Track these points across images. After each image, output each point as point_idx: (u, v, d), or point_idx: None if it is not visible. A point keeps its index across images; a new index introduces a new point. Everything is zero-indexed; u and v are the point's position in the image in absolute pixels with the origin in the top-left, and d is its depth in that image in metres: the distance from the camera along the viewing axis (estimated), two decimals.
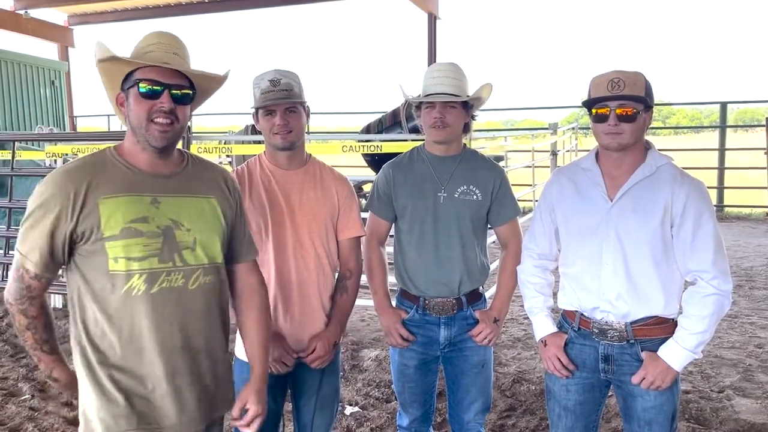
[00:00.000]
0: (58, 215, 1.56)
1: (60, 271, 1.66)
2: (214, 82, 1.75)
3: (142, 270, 1.60)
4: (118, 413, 1.61)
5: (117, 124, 13.74)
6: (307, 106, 2.20)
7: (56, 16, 12.43)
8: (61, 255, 1.60)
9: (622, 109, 1.92)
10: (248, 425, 1.82)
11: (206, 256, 1.70)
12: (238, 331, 2.20)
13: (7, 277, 5.05)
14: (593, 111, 1.98)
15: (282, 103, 2.08)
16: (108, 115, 14.48)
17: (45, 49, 13.35)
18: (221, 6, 10.92)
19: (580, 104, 2.09)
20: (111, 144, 1.74)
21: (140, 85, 1.61)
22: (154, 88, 1.61)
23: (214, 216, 1.74)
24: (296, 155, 2.20)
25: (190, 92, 1.68)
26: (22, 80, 12.06)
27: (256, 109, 2.15)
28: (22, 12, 11.07)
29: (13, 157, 5.68)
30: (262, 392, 1.85)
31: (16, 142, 5.90)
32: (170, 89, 1.62)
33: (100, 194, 1.59)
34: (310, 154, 2.29)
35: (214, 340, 1.76)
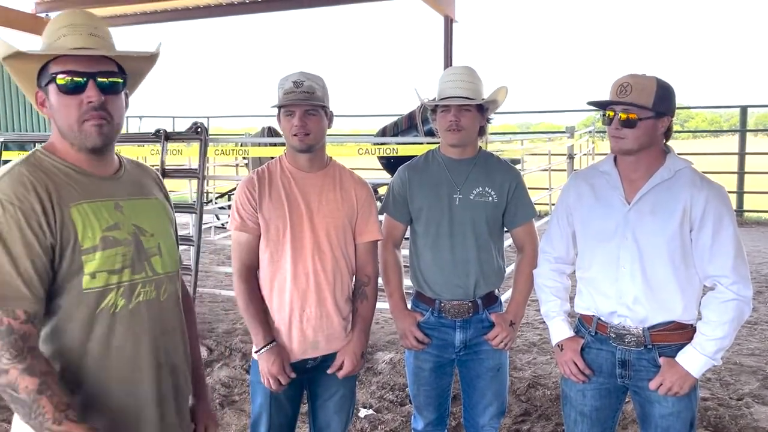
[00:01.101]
0: (33, 231, 1.30)
1: None
2: (146, 62, 1.50)
3: (120, 283, 1.41)
4: None
5: (135, 126, 13.88)
6: (330, 111, 2.20)
7: None
8: (48, 281, 1.33)
9: (625, 114, 1.93)
10: None
11: (171, 264, 1.55)
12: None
13: None
14: (606, 114, 2.00)
15: (302, 105, 2.09)
16: (126, 117, 14.61)
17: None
18: (236, 9, 10.99)
19: (588, 103, 2.10)
20: (130, 147, 1.63)
21: (58, 79, 1.35)
22: (76, 80, 1.35)
23: (167, 218, 1.60)
24: (316, 158, 2.21)
25: (120, 79, 1.42)
26: None
27: (279, 109, 2.16)
28: (42, 15, 11.21)
29: None
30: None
31: (36, 143, 5.98)
32: (95, 78, 1.37)
33: (68, 201, 1.36)
34: (331, 157, 2.30)
35: (186, 355, 1.61)
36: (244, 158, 8.67)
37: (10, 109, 11.66)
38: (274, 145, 6.49)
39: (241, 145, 6.37)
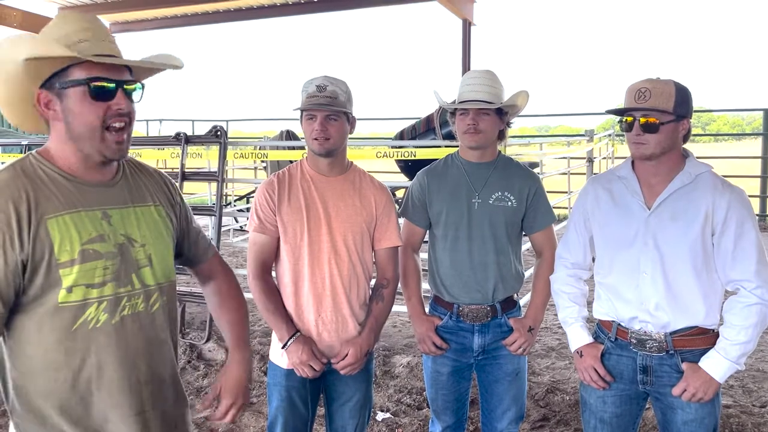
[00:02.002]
0: (3, 245, 1.27)
1: None
2: (153, 73, 1.50)
3: (101, 297, 1.36)
4: None
5: (155, 129, 14.01)
6: (352, 116, 2.20)
7: None
8: (14, 295, 1.30)
9: (645, 119, 1.92)
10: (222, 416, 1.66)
11: (163, 274, 1.50)
12: (273, 334, 2.23)
13: None
14: (624, 120, 1.98)
15: (323, 110, 2.10)
16: (146, 120, 14.77)
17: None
18: (256, 14, 11.07)
19: (610, 111, 2.08)
20: (151, 150, 1.59)
21: (92, 85, 1.34)
22: (108, 86, 1.35)
23: (165, 226, 1.55)
24: (337, 162, 2.22)
25: (140, 86, 1.42)
26: None
27: (301, 112, 2.17)
28: None
29: None
30: (241, 385, 1.69)
31: None
32: (123, 86, 1.37)
33: (46, 212, 1.32)
34: (352, 162, 2.31)
35: (174, 366, 1.56)
36: (262, 161, 8.71)
37: None
38: (293, 148, 6.52)
39: (260, 149, 6.41)
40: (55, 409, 1.36)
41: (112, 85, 1.36)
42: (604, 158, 9.16)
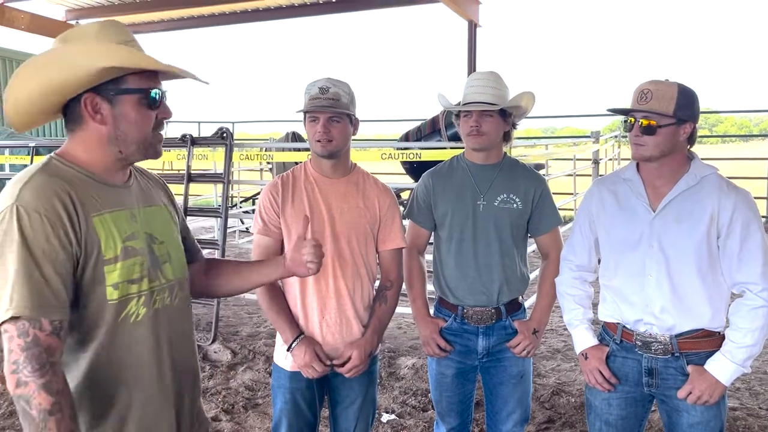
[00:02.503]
0: (59, 240, 1.29)
1: None
2: (171, 80, 1.55)
3: (140, 292, 1.43)
4: None
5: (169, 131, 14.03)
6: (355, 118, 2.20)
7: None
8: (71, 289, 1.32)
9: (646, 121, 1.92)
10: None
11: (180, 269, 1.57)
12: (277, 337, 2.24)
13: None
14: (627, 119, 1.99)
15: (326, 111, 2.10)
16: None
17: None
18: (261, 16, 11.10)
19: (609, 110, 2.10)
20: (164, 151, 1.61)
21: (152, 92, 1.42)
22: (158, 96, 1.44)
23: (174, 224, 1.62)
24: (340, 164, 2.22)
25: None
26: None
27: (304, 114, 2.18)
28: (73, 22, 11.44)
29: None
30: None
31: None
32: (165, 95, 1.47)
33: (91, 211, 1.36)
34: (355, 164, 2.31)
35: (196, 357, 1.65)
36: (268, 163, 8.74)
37: None
38: (298, 150, 6.53)
39: (266, 150, 6.43)
40: (100, 402, 1.39)
41: (160, 95, 1.44)
42: (610, 160, 9.14)
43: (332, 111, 2.09)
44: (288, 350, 2.15)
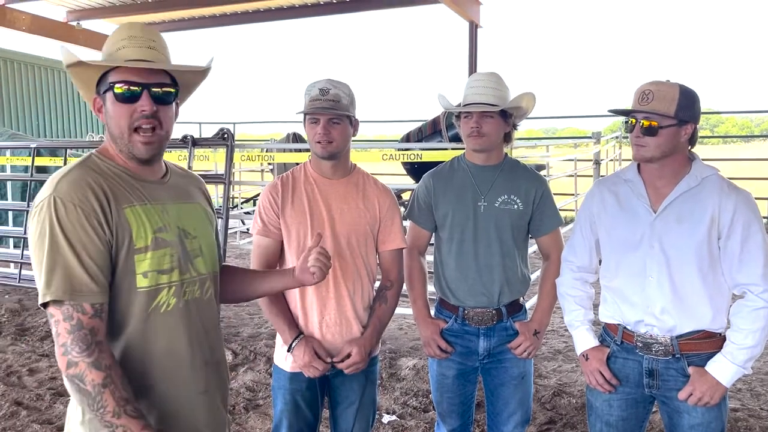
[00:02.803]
0: (94, 229, 1.37)
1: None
2: (198, 75, 1.56)
3: (170, 283, 1.48)
4: None
5: None
6: (355, 119, 2.21)
7: (107, 27, 12.84)
8: (110, 274, 1.40)
9: (647, 122, 1.92)
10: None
11: (212, 264, 1.62)
12: (277, 338, 2.24)
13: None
14: (628, 120, 1.99)
15: (326, 113, 2.10)
16: None
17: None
18: (266, 16, 11.11)
19: (610, 111, 2.10)
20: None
21: (116, 87, 1.43)
22: (132, 89, 1.42)
23: (209, 221, 1.67)
24: (340, 165, 2.22)
25: (173, 90, 1.49)
26: (75, 89, 12.47)
27: (304, 116, 2.18)
28: (74, 23, 11.46)
29: (65, 163, 5.88)
30: None
31: (67, 149, 6.11)
32: (149, 89, 1.44)
33: (122, 202, 1.43)
34: (355, 165, 2.31)
35: (224, 351, 1.70)
36: (269, 164, 8.74)
37: (43, 117, 11.92)
38: (299, 150, 6.53)
39: (267, 151, 6.43)
40: (131, 386, 1.42)
41: (137, 89, 1.43)
42: (611, 160, 9.13)
43: (332, 113, 2.09)
44: (288, 351, 2.15)
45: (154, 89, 1.44)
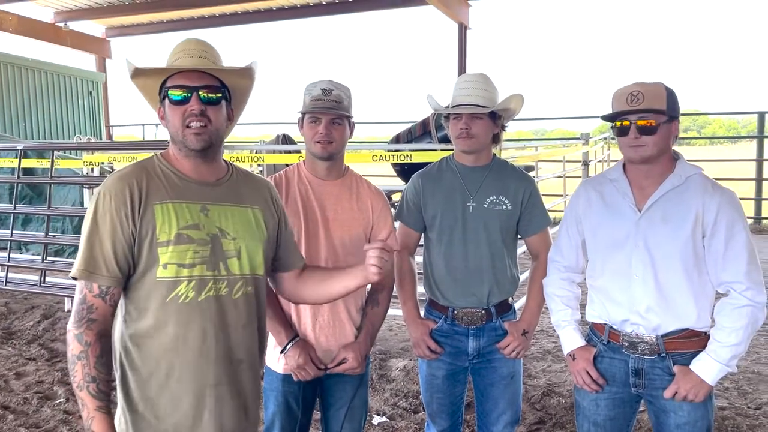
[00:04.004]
0: (119, 220, 1.55)
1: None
2: (244, 77, 1.72)
3: (191, 277, 1.58)
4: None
5: (151, 134, 14.01)
6: (353, 122, 2.22)
7: (94, 28, 12.76)
8: (126, 263, 1.56)
9: (643, 121, 1.92)
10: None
11: (249, 267, 1.69)
12: (269, 339, 2.23)
13: (45, 282, 5.19)
14: (616, 124, 1.98)
15: (329, 113, 2.10)
16: (143, 125, 14.77)
17: (83, 61, 13.71)
18: (254, 17, 11.09)
19: (600, 118, 2.09)
20: (147, 153, 1.75)
21: (170, 92, 1.62)
22: (183, 94, 1.61)
23: (258, 226, 1.74)
24: (335, 166, 2.22)
25: (220, 94, 1.66)
26: (62, 91, 12.41)
27: (303, 115, 2.17)
28: (61, 24, 11.39)
29: (52, 165, 5.83)
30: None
31: (55, 151, 6.06)
32: (198, 91, 1.62)
33: (154, 199, 1.59)
34: (348, 167, 2.31)
35: (253, 353, 1.74)
36: (259, 165, 8.71)
37: (30, 118, 11.83)
38: (289, 152, 6.52)
39: (256, 152, 6.41)
40: (146, 374, 1.59)
41: (188, 93, 1.61)
42: (600, 161, 9.18)
43: (335, 113, 2.10)
44: (282, 352, 2.15)
45: (202, 92, 1.62)
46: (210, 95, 1.63)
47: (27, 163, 6.32)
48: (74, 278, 1.57)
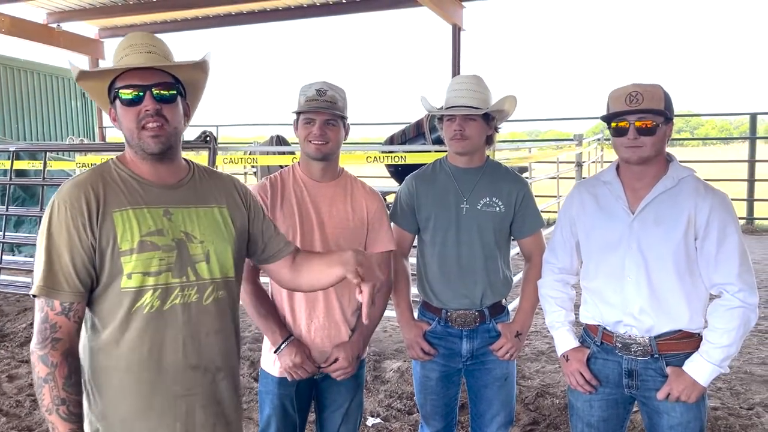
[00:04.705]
0: (77, 230, 1.46)
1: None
2: (197, 71, 1.61)
3: (156, 285, 1.51)
4: None
5: None
6: (348, 123, 2.22)
7: (87, 29, 12.71)
8: (88, 276, 1.47)
9: (642, 122, 1.92)
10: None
11: (219, 270, 1.62)
12: (264, 341, 2.23)
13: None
14: (613, 125, 1.97)
15: (323, 113, 2.10)
16: None
17: (76, 62, 13.66)
18: (247, 19, 11.07)
19: (599, 118, 2.10)
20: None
21: (120, 93, 1.51)
22: (135, 93, 1.50)
23: (226, 226, 1.66)
24: (330, 167, 2.22)
25: (174, 90, 1.55)
26: (54, 92, 12.37)
27: (298, 116, 2.17)
28: (54, 25, 11.33)
29: (44, 167, 5.82)
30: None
31: (47, 153, 6.04)
32: (151, 89, 1.51)
33: (113, 206, 1.50)
34: (343, 168, 2.31)
35: (231, 359, 1.68)
36: (252, 167, 8.69)
37: (23, 120, 11.78)
38: (282, 153, 6.51)
39: (250, 154, 6.40)
40: (113, 386, 1.52)
41: (139, 92, 1.50)
42: (593, 162, 9.21)
43: (330, 113, 2.10)
44: (276, 352, 2.14)
45: (155, 90, 1.51)
46: (164, 92, 1.53)
47: (19, 165, 6.29)
48: (34, 296, 1.46)
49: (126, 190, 1.54)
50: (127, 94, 1.51)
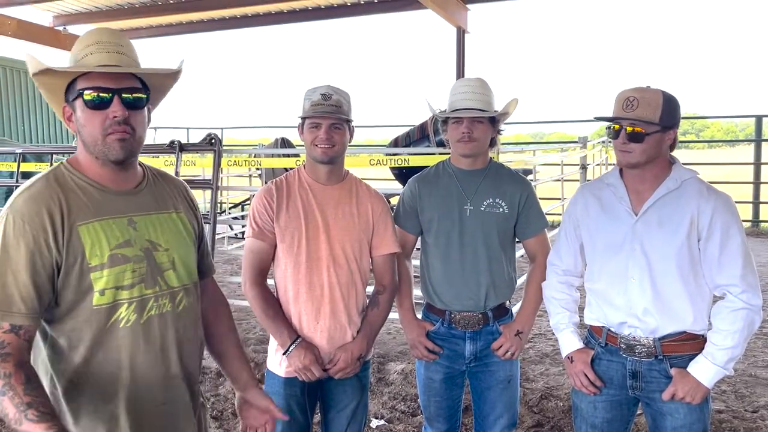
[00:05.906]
0: (38, 247, 1.34)
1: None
2: (168, 78, 1.53)
3: (131, 299, 1.44)
4: None
5: (150, 137, 14.01)
6: (353, 126, 2.23)
7: None
8: (48, 296, 1.37)
9: (632, 128, 1.93)
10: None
11: (187, 276, 1.57)
12: (270, 342, 2.24)
13: None
14: (612, 127, 2.00)
15: (329, 117, 2.11)
16: None
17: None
18: (252, 22, 11.10)
19: (595, 119, 2.12)
20: (148, 157, 1.64)
21: (85, 94, 1.40)
22: (102, 95, 1.40)
23: (187, 230, 1.61)
24: (335, 170, 2.23)
25: (144, 95, 1.46)
26: None
27: (303, 120, 2.18)
28: (60, 28, 11.39)
29: None
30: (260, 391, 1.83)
31: (53, 155, 6.07)
32: (120, 94, 1.41)
33: (77, 219, 1.40)
34: (348, 171, 2.32)
35: (200, 363, 1.66)
36: (257, 169, 8.72)
37: (29, 122, 11.84)
38: (287, 156, 6.53)
39: (255, 156, 6.42)
40: (87, 410, 1.43)
41: (107, 95, 1.40)
42: (598, 165, 9.20)
43: (336, 117, 2.11)
44: (285, 353, 2.15)
45: (124, 95, 1.42)
46: (133, 98, 1.43)
47: (26, 167, 6.31)
48: None
49: (87, 201, 1.43)
50: (93, 96, 1.40)
